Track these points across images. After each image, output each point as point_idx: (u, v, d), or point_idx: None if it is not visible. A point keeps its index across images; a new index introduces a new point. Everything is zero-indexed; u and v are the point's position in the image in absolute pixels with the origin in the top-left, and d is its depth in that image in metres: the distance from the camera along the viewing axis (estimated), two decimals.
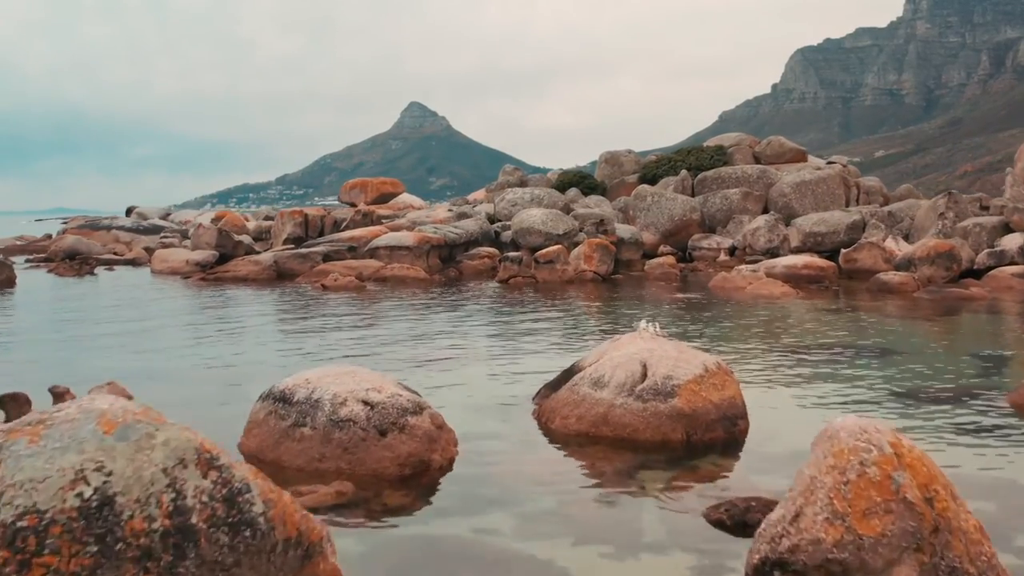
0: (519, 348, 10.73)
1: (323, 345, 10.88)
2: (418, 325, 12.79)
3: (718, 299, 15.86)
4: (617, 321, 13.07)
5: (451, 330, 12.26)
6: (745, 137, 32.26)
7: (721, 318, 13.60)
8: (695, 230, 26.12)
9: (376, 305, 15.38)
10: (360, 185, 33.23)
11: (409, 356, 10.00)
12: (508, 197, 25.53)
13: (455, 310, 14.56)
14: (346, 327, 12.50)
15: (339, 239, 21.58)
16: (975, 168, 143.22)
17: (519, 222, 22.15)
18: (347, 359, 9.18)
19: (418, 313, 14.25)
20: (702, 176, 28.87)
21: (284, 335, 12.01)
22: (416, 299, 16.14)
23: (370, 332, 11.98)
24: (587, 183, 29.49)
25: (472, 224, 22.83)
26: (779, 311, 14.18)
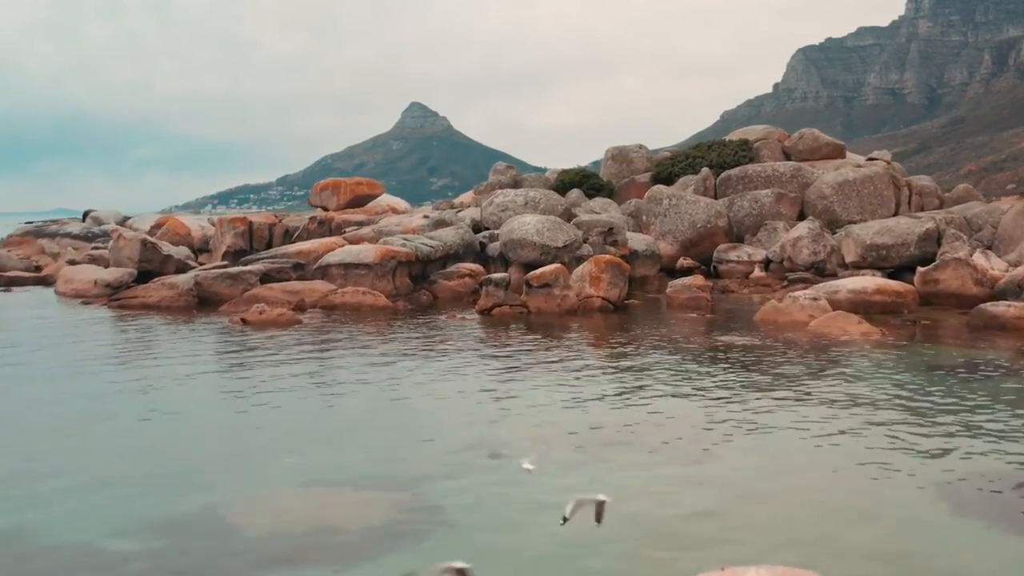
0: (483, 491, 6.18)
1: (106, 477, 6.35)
2: (324, 417, 8.24)
3: (776, 343, 11.32)
4: (639, 394, 8.55)
5: (368, 440, 7.72)
6: (773, 130, 27.64)
7: (802, 389, 9.05)
8: (721, 239, 21.52)
9: (294, 359, 10.85)
10: (332, 186, 28.63)
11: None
12: (497, 200, 20.95)
13: (400, 379, 10.00)
14: (204, 412, 7.98)
15: (284, 254, 17.05)
16: (979, 167, 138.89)
17: (509, 232, 17.58)
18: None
19: (345, 381, 9.71)
20: (725, 175, 24.25)
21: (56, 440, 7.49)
22: (361, 344, 11.61)
23: (246, 423, 7.47)
24: (591, 183, 24.91)
25: (451, 234, 18.27)
26: (880, 370, 9.65)
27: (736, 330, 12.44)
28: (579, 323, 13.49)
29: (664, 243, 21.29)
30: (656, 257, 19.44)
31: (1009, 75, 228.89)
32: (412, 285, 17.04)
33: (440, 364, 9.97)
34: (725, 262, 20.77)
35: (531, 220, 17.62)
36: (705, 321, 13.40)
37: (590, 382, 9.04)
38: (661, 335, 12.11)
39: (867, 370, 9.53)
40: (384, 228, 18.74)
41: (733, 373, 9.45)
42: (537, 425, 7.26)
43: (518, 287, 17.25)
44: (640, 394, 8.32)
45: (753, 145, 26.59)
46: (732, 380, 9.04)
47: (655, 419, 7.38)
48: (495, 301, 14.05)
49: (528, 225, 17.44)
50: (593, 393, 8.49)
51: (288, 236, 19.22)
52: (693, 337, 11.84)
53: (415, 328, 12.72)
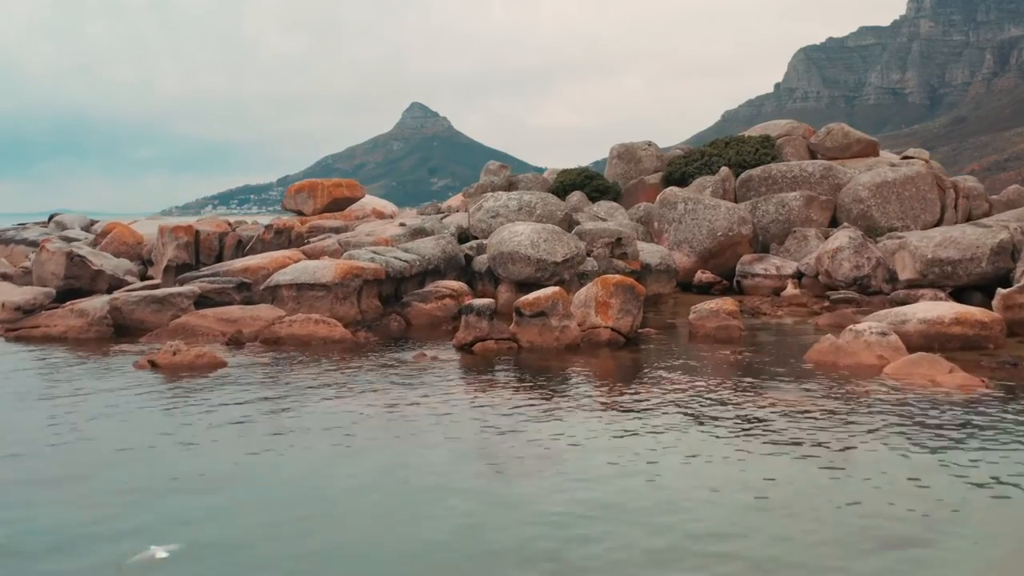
0: None
1: None
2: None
3: (848, 405, 8.30)
4: (678, 514, 5.56)
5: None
6: (797, 125, 24.62)
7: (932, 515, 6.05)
8: (745, 249, 18.50)
9: (190, 424, 7.85)
10: (308, 188, 25.66)
11: None
12: (487, 205, 17.93)
13: (316, 483, 7.00)
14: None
15: (229, 271, 14.02)
16: (981, 167, 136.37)
17: (498, 243, 14.56)
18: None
19: (223, 480, 6.70)
20: (746, 175, 21.24)
21: None
22: (280, 408, 8.60)
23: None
24: (595, 184, 21.87)
25: (430, 247, 15.25)
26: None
27: (786, 378, 9.40)
28: (582, 364, 10.47)
29: (679, 254, 18.28)
30: (672, 272, 16.42)
31: (1011, 74, 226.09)
32: (382, 308, 14.03)
33: (379, 457, 6.94)
34: (750, 276, 17.76)
35: (525, 229, 14.60)
36: (742, 362, 10.37)
37: (600, 483, 6.03)
38: (689, 387, 9.08)
39: (1012, 460, 6.51)
40: (352, 239, 15.71)
41: (812, 463, 6.44)
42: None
43: (510, 305, 14.29)
44: (679, 516, 5.33)
45: (775, 141, 23.57)
46: (818, 482, 6.04)
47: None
48: (477, 334, 11.02)
49: (521, 235, 14.42)
50: (608, 506, 5.49)
51: (242, 248, 16.20)
52: (734, 392, 8.80)
53: (370, 374, 9.71)
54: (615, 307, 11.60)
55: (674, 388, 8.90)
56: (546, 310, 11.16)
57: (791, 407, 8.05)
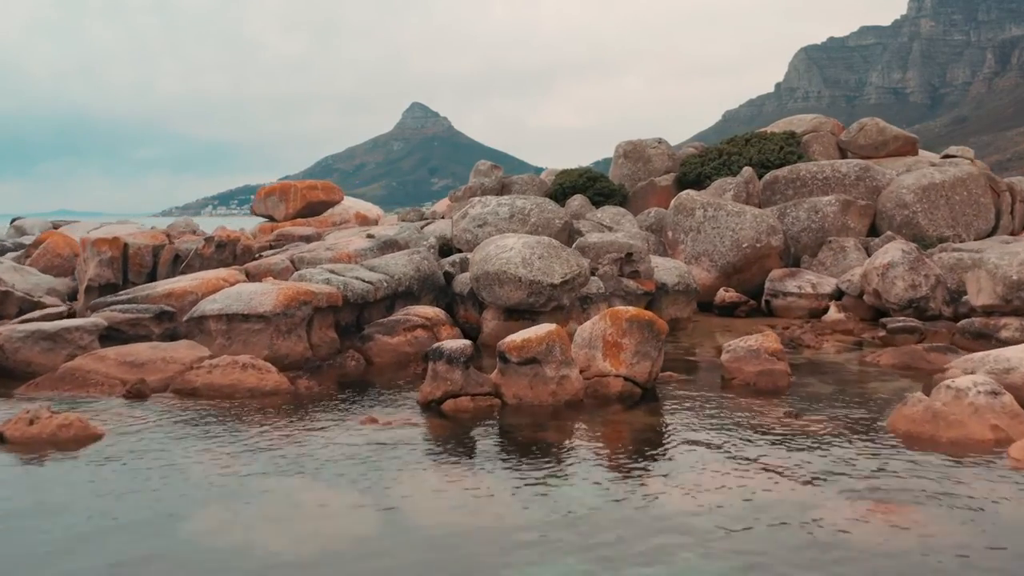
0: None
1: None
2: None
3: (977, 510, 5.56)
4: None
5: None
6: (824, 120, 21.83)
7: None
8: (774, 263, 15.73)
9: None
10: (280, 191, 22.94)
11: None
12: (473, 212, 15.14)
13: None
14: None
15: (148, 297, 11.22)
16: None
17: (483, 260, 11.78)
18: None
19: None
20: (771, 176, 18.47)
21: None
22: (164, 509, 5.86)
23: None
24: (599, 187, 19.07)
25: (401, 264, 12.46)
26: None
27: (872, 462, 6.64)
28: (587, 432, 7.70)
29: (697, 269, 15.51)
30: (691, 292, 13.63)
31: (1012, 74, 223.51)
32: (338, 342, 11.25)
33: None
34: (781, 295, 14.98)
35: (515, 244, 11.81)
36: (803, 431, 7.58)
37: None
38: (741, 481, 6.31)
39: None
40: (307, 254, 12.90)
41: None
42: None
43: (497, 336, 11.56)
44: None
45: (801, 138, 20.79)
46: None
47: None
48: (448, 388, 8.24)
49: (511, 251, 11.64)
50: None
51: (180, 263, 13.43)
52: (813, 495, 6.03)
53: (291, 456, 6.95)
54: (629, 349, 8.81)
55: (719, 487, 6.11)
56: (539, 356, 8.37)
57: (902, 523, 5.27)
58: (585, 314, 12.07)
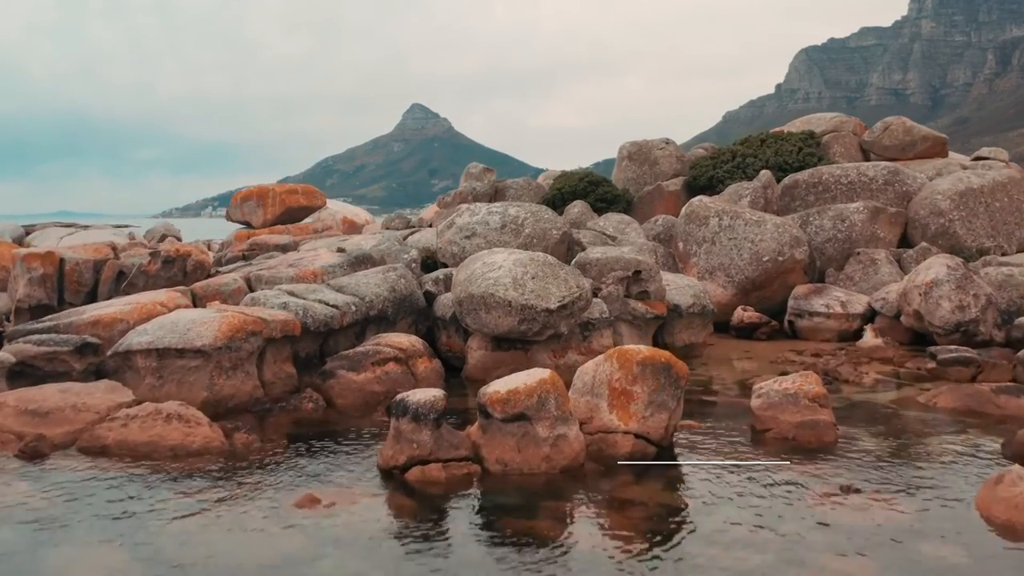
0: None
1: None
2: None
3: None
4: None
5: None
6: (846, 119, 20.06)
7: None
8: (798, 278, 13.97)
9: None
10: (257, 196, 21.19)
11: None
12: (460, 222, 13.37)
13: None
14: None
15: (71, 325, 9.46)
16: None
17: (467, 282, 10.01)
18: None
19: None
20: (790, 180, 16.71)
21: None
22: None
23: None
24: (601, 192, 17.30)
25: (374, 283, 10.69)
26: None
27: (968, 560, 4.92)
28: (589, 516, 5.96)
29: (712, 284, 13.75)
30: (707, 315, 11.86)
31: (1013, 75, 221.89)
32: (296, 377, 9.50)
33: None
34: (807, 315, 13.22)
35: (504, 261, 10.04)
36: (860, 507, 5.85)
37: None
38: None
39: None
40: (264, 272, 11.11)
41: None
42: None
43: (485, 370, 9.96)
44: None
45: (821, 139, 19.04)
46: None
47: None
48: (413, 452, 6.49)
49: (499, 269, 9.88)
50: None
51: (122, 280, 11.66)
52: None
53: (184, 564, 5.21)
54: (641, 399, 7.05)
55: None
56: (528, 411, 6.61)
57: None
58: (586, 343, 10.32)
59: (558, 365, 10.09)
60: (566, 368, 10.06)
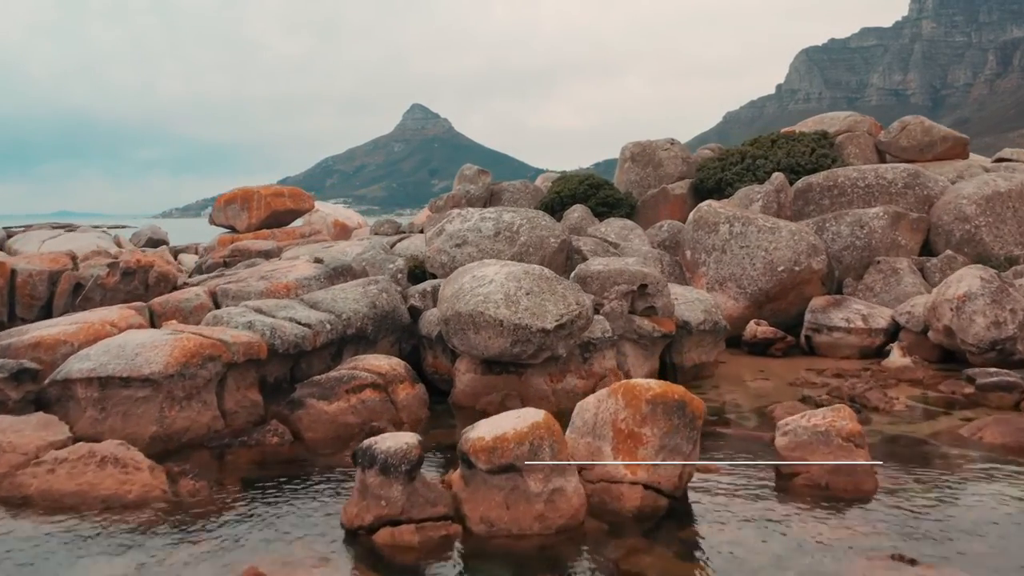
0: None
1: None
2: None
3: None
4: None
5: None
6: (860, 119, 19.02)
7: None
8: (815, 289, 12.93)
9: None
10: (242, 199, 20.15)
11: None
12: (450, 228, 12.32)
13: None
14: None
15: (14, 346, 8.42)
16: None
17: (454, 298, 8.96)
18: None
19: None
20: (804, 183, 15.67)
21: None
22: None
23: None
24: (603, 196, 16.25)
25: (352, 298, 9.64)
26: None
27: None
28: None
29: (723, 296, 12.72)
30: (719, 332, 10.80)
31: (1014, 75, 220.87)
32: (264, 405, 8.46)
33: None
34: (826, 330, 12.18)
35: (496, 275, 9.00)
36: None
37: None
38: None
39: None
40: (232, 287, 10.05)
41: None
42: None
43: (475, 395, 9.04)
44: None
45: (834, 139, 17.99)
46: None
47: None
48: (382, 511, 5.47)
49: (490, 284, 8.83)
50: None
51: (78, 293, 10.61)
52: None
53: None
54: (651, 443, 6.00)
55: None
56: (518, 462, 5.57)
57: None
58: (587, 365, 9.28)
59: (555, 390, 9.05)
60: (564, 394, 9.04)
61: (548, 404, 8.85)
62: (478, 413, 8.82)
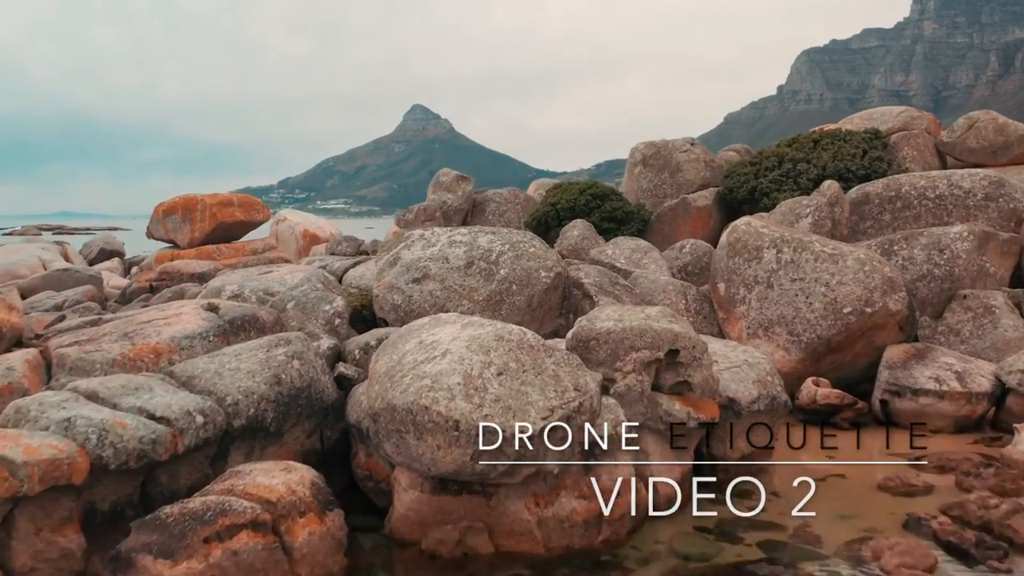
0: None
1: None
2: None
3: None
4: None
5: None
6: (918, 114, 15.83)
7: None
8: (890, 336, 9.71)
9: None
10: (183, 208, 16.98)
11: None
12: (408, 256, 9.10)
13: None
14: None
15: None
16: None
17: (388, 377, 5.76)
18: None
19: None
20: (859, 193, 12.48)
21: None
22: None
23: None
24: (608, 209, 13.04)
25: (244, 373, 6.44)
26: None
27: None
28: None
29: (770, 345, 9.52)
30: (778, 409, 7.58)
31: (1015, 76, 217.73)
32: (86, 552, 5.28)
33: None
34: (908, 392, 8.98)
35: (453, 341, 5.81)
36: None
37: None
38: None
39: None
40: (71, 350, 6.83)
41: None
42: None
43: (421, 527, 5.71)
44: None
45: (888, 140, 14.80)
46: None
47: None
48: None
49: (443, 358, 5.65)
50: None
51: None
52: None
53: None
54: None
55: None
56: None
57: None
58: (589, 476, 6.09)
59: (542, 519, 5.87)
60: (555, 525, 5.87)
61: (531, 542, 5.71)
62: (425, 556, 5.68)
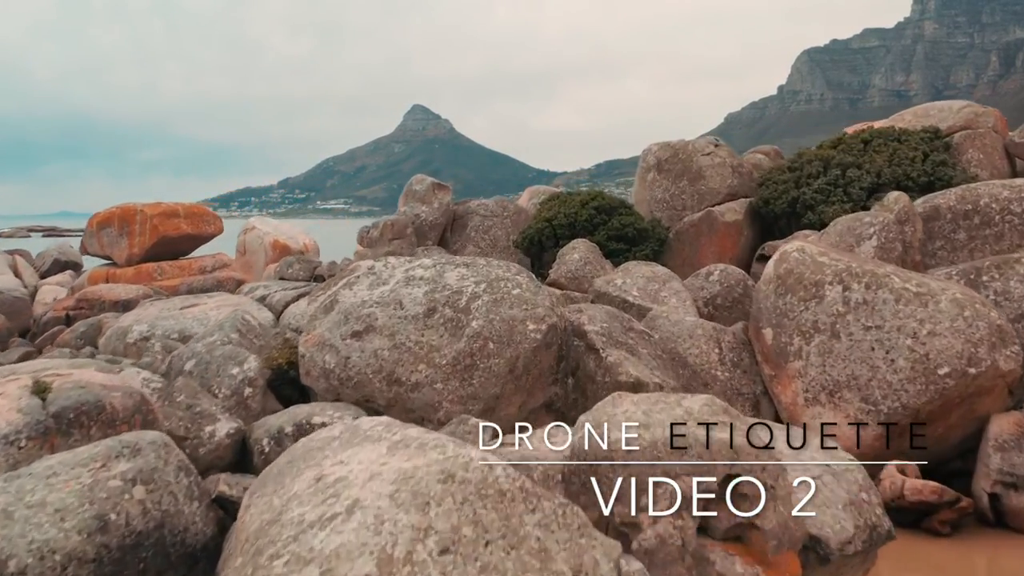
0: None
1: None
2: None
3: None
4: None
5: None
6: (981, 110, 13.41)
7: None
8: (996, 403, 7.19)
9: None
10: (120, 219, 14.49)
11: None
12: (348, 299, 6.62)
13: None
14: None
15: None
16: None
17: (257, 554, 3.28)
18: None
19: None
20: (928, 206, 9.97)
21: None
22: None
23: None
24: (616, 226, 10.54)
25: (51, 512, 3.98)
26: None
27: None
28: None
29: (835, 413, 7.00)
30: (876, 544, 5.09)
31: (1016, 76, 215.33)
32: None
33: None
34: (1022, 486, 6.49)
35: (369, 481, 3.36)
36: None
37: None
38: None
39: None
40: None
41: None
42: None
43: None
44: None
45: (950, 140, 12.30)
46: None
47: None
48: None
49: (351, 516, 3.19)
50: None
51: None
52: None
53: None
54: None
55: None
56: None
57: None
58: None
59: None
60: None
61: None
62: None
